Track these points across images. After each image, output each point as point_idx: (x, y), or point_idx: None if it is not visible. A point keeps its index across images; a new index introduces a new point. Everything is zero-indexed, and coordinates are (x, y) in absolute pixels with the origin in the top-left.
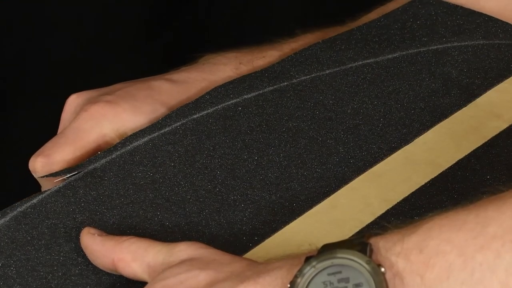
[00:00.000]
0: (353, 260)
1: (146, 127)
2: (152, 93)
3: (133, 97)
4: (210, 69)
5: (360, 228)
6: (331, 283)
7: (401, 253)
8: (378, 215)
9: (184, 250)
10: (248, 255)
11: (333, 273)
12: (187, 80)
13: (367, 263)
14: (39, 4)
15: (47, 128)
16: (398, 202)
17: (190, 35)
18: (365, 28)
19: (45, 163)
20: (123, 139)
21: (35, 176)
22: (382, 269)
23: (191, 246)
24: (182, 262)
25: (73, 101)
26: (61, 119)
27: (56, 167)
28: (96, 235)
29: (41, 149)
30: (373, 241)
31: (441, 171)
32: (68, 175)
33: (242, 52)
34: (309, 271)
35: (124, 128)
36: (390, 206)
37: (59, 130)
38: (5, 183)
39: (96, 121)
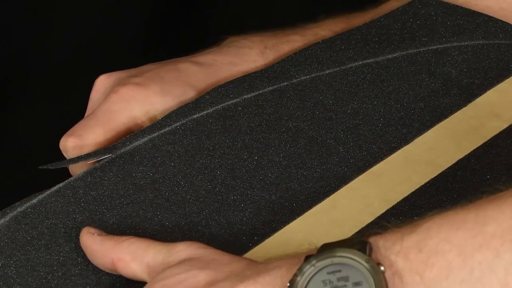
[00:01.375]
0: (352, 259)
1: (146, 127)
2: (181, 75)
3: (162, 79)
4: (236, 53)
5: (360, 228)
6: (330, 282)
7: (401, 252)
8: (378, 215)
9: (184, 250)
10: (248, 255)
11: (333, 272)
12: (214, 63)
13: (366, 262)
14: (39, 4)
15: (47, 128)
16: (398, 202)
17: (191, 35)
18: (365, 28)
19: (77, 143)
20: (122, 140)
21: (65, 155)
22: (382, 268)
23: (191, 246)
24: (182, 262)
25: (102, 82)
26: (90, 99)
27: (87, 149)
28: (95, 234)
29: (72, 129)
30: (372, 240)
31: (441, 171)
32: (101, 158)
33: (266, 36)
34: (309, 270)
35: (154, 111)
36: (390, 206)
37: (88, 110)
38: (5, 183)
39: (126, 103)
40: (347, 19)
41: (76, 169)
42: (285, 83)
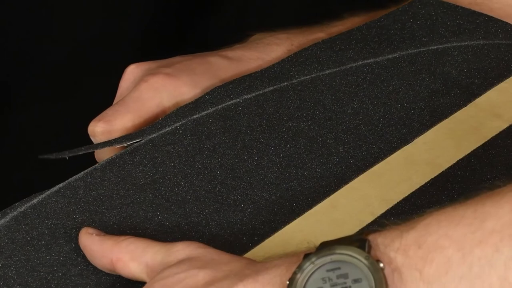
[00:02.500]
0: (351, 256)
1: (146, 127)
2: (210, 68)
3: (192, 71)
4: (264, 49)
5: (360, 228)
6: (330, 279)
7: (400, 248)
8: (378, 215)
9: (183, 250)
10: (248, 255)
11: (332, 269)
12: (242, 58)
13: (365, 259)
14: (39, 4)
15: (47, 128)
16: (398, 202)
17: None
18: (365, 28)
19: (105, 128)
20: (122, 136)
21: (93, 140)
22: (381, 265)
23: (190, 246)
24: (181, 261)
25: (132, 71)
26: (119, 87)
27: (115, 134)
28: (94, 235)
29: (101, 115)
30: (371, 237)
31: (441, 171)
32: (129, 143)
33: (292, 33)
34: (308, 267)
35: (183, 101)
36: (390, 206)
37: (116, 98)
38: (5, 183)
39: (156, 92)
40: (371, 17)
41: (102, 154)
42: (285, 83)
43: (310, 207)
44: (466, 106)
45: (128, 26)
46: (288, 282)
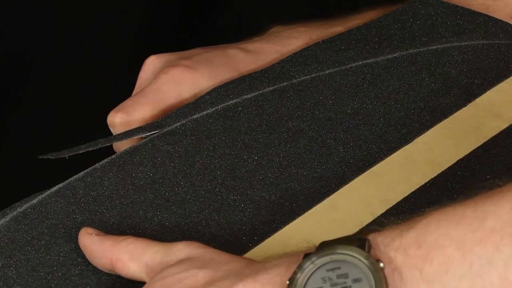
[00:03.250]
0: (351, 256)
1: (146, 125)
2: (229, 61)
3: (211, 64)
4: (283, 42)
5: (360, 228)
6: (330, 279)
7: (400, 248)
8: (378, 215)
9: (182, 249)
10: (248, 255)
11: (332, 269)
12: (261, 51)
13: (365, 259)
14: (39, 4)
15: (47, 128)
16: (398, 202)
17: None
18: (365, 28)
19: (124, 119)
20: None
21: (112, 131)
22: (381, 264)
23: (189, 246)
24: (180, 261)
25: (151, 62)
26: (139, 78)
27: (134, 125)
28: (93, 234)
29: (121, 105)
30: (371, 237)
31: (441, 171)
32: (147, 134)
33: (311, 26)
34: (308, 267)
35: (201, 93)
36: (390, 206)
37: (136, 89)
38: (5, 183)
39: (176, 84)
40: (387, 10)
41: (121, 145)
42: (285, 83)
43: (310, 207)
44: (466, 106)
45: (128, 26)
46: (288, 282)
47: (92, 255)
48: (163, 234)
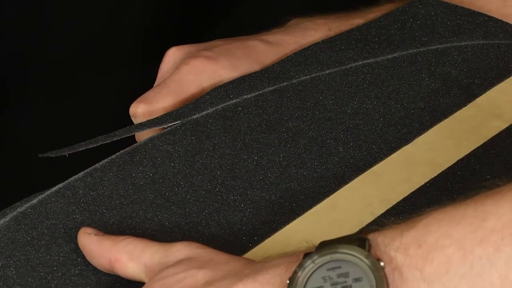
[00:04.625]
0: (352, 255)
1: (146, 122)
2: (249, 52)
3: (231, 55)
4: (302, 34)
5: (360, 228)
6: (330, 278)
7: (400, 247)
8: (378, 215)
9: (181, 250)
10: (248, 255)
11: (332, 268)
12: (281, 43)
13: (366, 258)
14: (39, 3)
15: (47, 128)
16: (398, 202)
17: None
18: (365, 28)
19: (147, 109)
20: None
21: (134, 121)
22: (381, 264)
23: (188, 246)
24: (180, 261)
25: (172, 54)
26: (160, 69)
27: (156, 115)
28: (92, 234)
29: (143, 96)
30: (371, 236)
31: (441, 171)
32: (169, 124)
33: (330, 18)
34: (309, 266)
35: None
36: (390, 206)
37: (157, 80)
38: (5, 183)
39: (197, 75)
40: (405, 2)
41: (143, 135)
42: (285, 83)
43: (310, 207)
44: (466, 106)
45: (128, 26)
46: (288, 281)
47: (91, 255)
48: (163, 234)
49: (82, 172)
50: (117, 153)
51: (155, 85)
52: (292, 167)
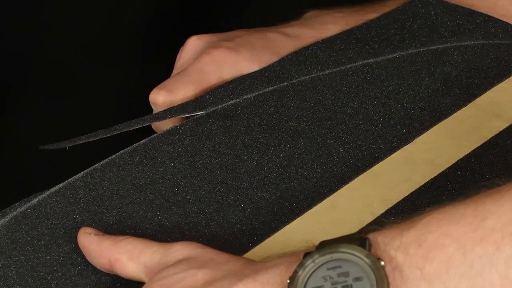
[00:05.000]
0: (352, 254)
1: (147, 117)
2: (269, 44)
3: (252, 46)
4: (320, 28)
5: (359, 228)
6: (331, 278)
7: (400, 247)
8: (378, 215)
9: (181, 250)
10: (248, 255)
11: (333, 268)
12: (300, 35)
13: (366, 257)
14: (39, 3)
15: (47, 128)
16: (398, 202)
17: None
18: (365, 27)
19: (167, 97)
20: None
21: (154, 108)
22: (382, 263)
23: (188, 246)
24: (179, 261)
25: (193, 43)
26: (179, 58)
27: (176, 104)
28: (92, 234)
29: (163, 84)
30: (371, 236)
31: (441, 171)
32: (192, 114)
33: (347, 12)
34: (310, 266)
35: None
36: (390, 206)
37: (176, 68)
38: (5, 183)
39: (218, 65)
40: None
41: (162, 125)
42: (285, 83)
43: (310, 207)
44: (466, 106)
45: (128, 26)
46: (288, 281)
47: (91, 255)
48: (163, 234)
49: (82, 172)
50: (117, 153)
51: (173, 73)
52: (292, 167)
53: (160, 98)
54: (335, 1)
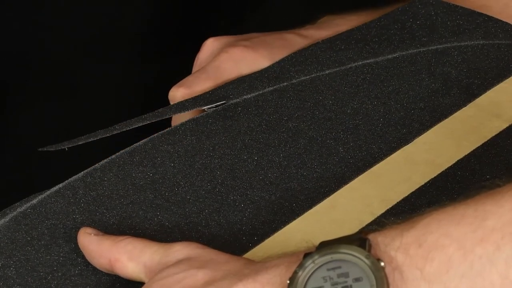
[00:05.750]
0: (352, 255)
1: (147, 115)
2: (286, 43)
3: (270, 45)
4: (335, 31)
5: (359, 228)
6: (330, 278)
7: (400, 247)
8: (378, 215)
9: (181, 250)
10: (248, 255)
11: (333, 268)
12: (316, 37)
13: (366, 258)
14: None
15: (47, 128)
16: (398, 202)
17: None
18: (365, 28)
19: (186, 93)
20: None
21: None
22: (382, 264)
23: (188, 246)
24: (179, 262)
25: (211, 44)
26: (197, 59)
27: None
28: (92, 234)
29: (182, 81)
30: (371, 236)
31: (441, 171)
32: (209, 106)
33: (362, 15)
34: (309, 266)
35: None
36: (390, 206)
37: (194, 69)
38: (5, 183)
39: (236, 63)
40: None
41: (180, 118)
42: (285, 84)
43: (310, 207)
44: (466, 106)
45: (128, 26)
46: (288, 281)
47: (91, 255)
48: (163, 234)
49: (82, 172)
50: (117, 153)
51: (196, 71)
52: (292, 167)
53: (178, 94)
54: (347, 6)
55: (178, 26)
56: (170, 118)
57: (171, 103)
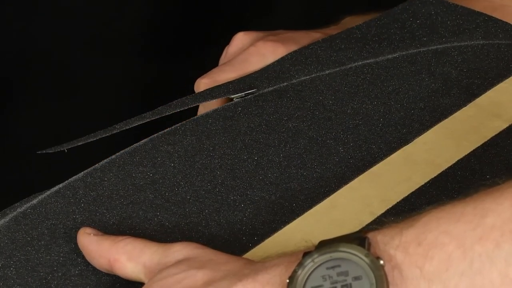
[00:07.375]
0: (352, 254)
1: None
2: (313, 41)
3: (298, 42)
4: None
5: (359, 228)
6: (330, 277)
7: (400, 246)
8: (378, 215)
9: (180, 250)
10: (248, 255)
11: (332, 267)
12: None
13: (366, 256)
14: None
15: (47, 128)
16: (397, 202)
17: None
18: (365, 27)
19: (208, 84)
20: (121, 122)
21: None
22: (381, 262)
23: (187, 246)
24: (179, 262)
25: (240, 38)
26: (225, 52)
27: None
28: (92, 234)
29: (208, 72)
30: (371, 235)
31: (441, 171)
32: (232, 96)
33: None
34: (309, 265)
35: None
36: (390, 206)
37: (222, 61)
38: (5, 183)
39: (263, 57)
40: None
41: (204, 108)
42: (285, 83)
43: (310, 207)
44: (466, 106)
45: (128, 26)
46: (288, 280)
47: (91, 255)
48: (163, 235)
49: (82, 172)
50: (117, 153)
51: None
52: (292, 167)
53: (202, 85)
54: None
55: (178, 26)
56: (170, 118)
57: (196, 92)
